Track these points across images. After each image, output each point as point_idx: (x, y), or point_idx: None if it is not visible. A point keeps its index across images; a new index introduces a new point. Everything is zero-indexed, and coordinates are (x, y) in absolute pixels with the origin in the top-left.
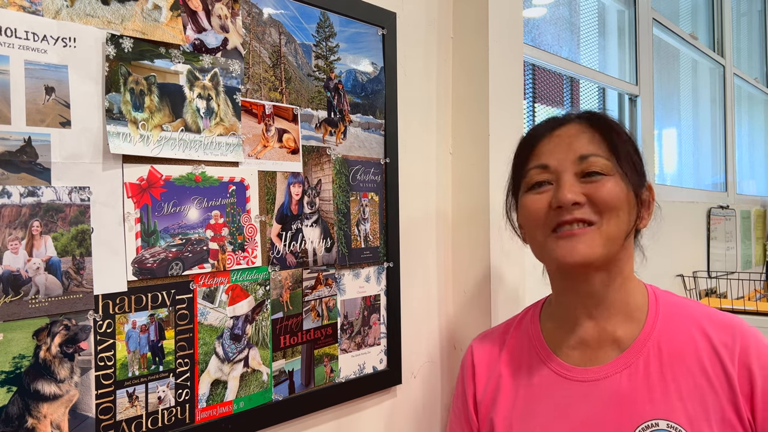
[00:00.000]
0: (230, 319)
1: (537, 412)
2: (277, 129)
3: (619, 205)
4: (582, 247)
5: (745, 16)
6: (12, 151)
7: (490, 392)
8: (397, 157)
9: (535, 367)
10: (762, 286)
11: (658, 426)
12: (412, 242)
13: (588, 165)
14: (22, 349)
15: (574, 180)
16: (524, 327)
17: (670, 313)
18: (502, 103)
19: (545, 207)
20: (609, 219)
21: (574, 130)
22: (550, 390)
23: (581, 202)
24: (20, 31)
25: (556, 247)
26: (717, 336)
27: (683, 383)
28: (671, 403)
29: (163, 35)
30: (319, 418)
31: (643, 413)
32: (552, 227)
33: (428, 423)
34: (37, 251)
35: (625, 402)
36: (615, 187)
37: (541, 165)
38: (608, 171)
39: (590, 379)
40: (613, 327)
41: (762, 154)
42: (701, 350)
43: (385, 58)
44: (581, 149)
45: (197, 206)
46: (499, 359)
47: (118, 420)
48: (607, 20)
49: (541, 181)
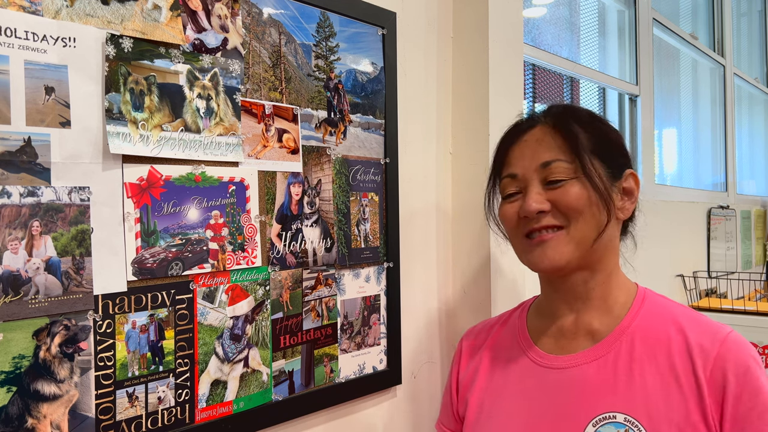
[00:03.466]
0: (230, 319)
1: (506, 395)
2: (277, 129)
3: (584, 207)
4: (551, 253)
5: (745, 16)
6: (12, 151)
7: (470, 375)
8: (397, 157)
9: (515, 355)
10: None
11: (615, 419)
12: (412, 242)
13: (550, 171)
14: (22, 349)
15: (539, 188)
16: (513, 319)
17: (652, 312)
18: (502, 103)
19: (515, 215)
20: (576, 222)
21: (540, 133)
22: (523, 375)
23: (546, 210)
24: (20, 31)
25: (529, 254)
26: (695, 338)
27: (650, 380)
28: (634, 397)
29: (162, 35)
30: (319, 418)
31: (603, 404)
32: (524, 234)
33: (428, 423)
34: (37, 251)
35: (589, 392)
36: (578, 191)
37: (510, 174)
38: (571, 174)
39: (560, 366)
40: (590, 319)
41: (762, 154)
42: (674, 349)
43: (385, 58)
44: (544, 156)
45: (197, 206)
46: (483, 345)
47: (118, 420)
48: (607, 20)
49: (511, 191)
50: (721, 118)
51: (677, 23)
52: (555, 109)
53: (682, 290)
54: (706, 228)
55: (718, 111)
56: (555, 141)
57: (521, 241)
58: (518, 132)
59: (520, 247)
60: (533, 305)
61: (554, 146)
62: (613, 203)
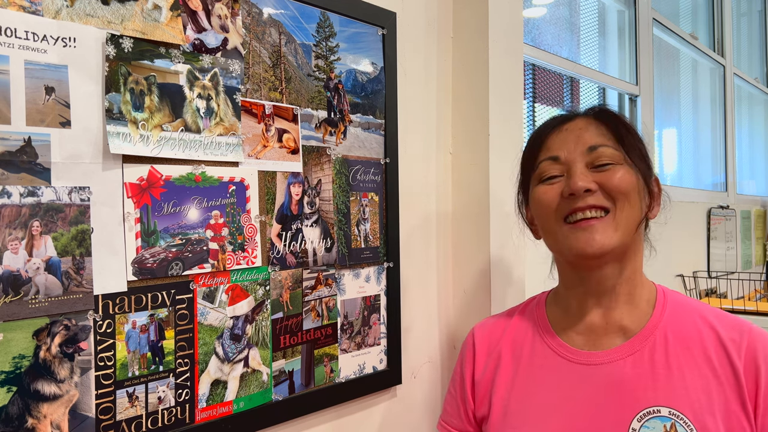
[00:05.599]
0: (230, 319)
1: (536, 393)
2: (277, 129)
3: (631, 191)
4: (599, 237)
5: (745, 16)
6: (12, 151)
7: (489, 372)
8: (397, 157)
9: (538, 349)
10: (762, 286)
11: (659, 413)
12: (412, 242)
13: (598, 155)
14: (22, 349)
15: (585, 169)
16: (529, 311)
17: (678, 307)
18: (502, 103)
19: (557, 196)
20: (622, 206)
21: (582, 123)
22: (551, 371)
23: (593, 189)
24: (20, 31)
25: (573, 239)
26: (724, 331)
27: (688, 373)
28: (675, 391)
29: (163, 35)
30: (319, 418)
31: (645, 399)
32: (564, 215)
33: (428, 423)
34: (37, 251)
35: (628, 388)
36: (626, 175)
37: (552, 157)
38: (618, 160)
39: (593, 362)
40: (621, 315)
41: (762, 154)
42: (708, 343)
43: (385, 58)
44: (590, 140)
45: (197, 206)
46: (501, 340)
47: (118, 420)
48: (607, 20)
49: (552, 174)
50: (721, 118)
51: (677, 23)
52: (595, 107)
53: (682, 290)
54: (706, 228)
55: (718, 111)
56: (601, 129)
57: (561, 227)
58: (558, 122)
59: (561, 233)
60: (550, 298)
61: (599, 133)
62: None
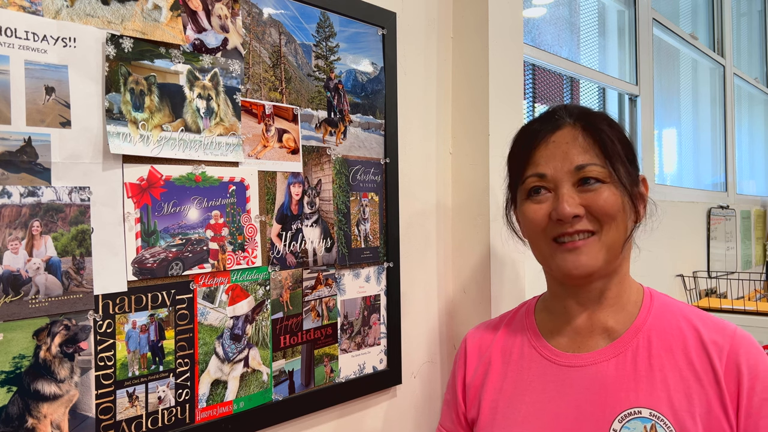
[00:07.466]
0: (230, 319)
1: (523, 395)
2: (277, 129)
3: (617, 213)
4: (585, 259)
5: (745, 16)
6: (12, 151)
7: (480, 376)
8: (397, 157)
9: (526, 353)
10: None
11: (640, 414)
12: (412, 242)
13: (584, 174)
14: (22, 349)
15: (572, 191)
16: (519, 317)
17: (663, 310)
18: (502, 103)
19: (545, 217)
20: (608, 228)
21: (569, 135)
22: (538, 374)
23: (580, 215)
24: (20, 31)
25: (561, 259)
26: (708, 334)
27: (670, 375)
28: (656, 393)
29: (163, 35)
30: (319, 418)
31: (626, 401)
32: (553, 237)
33: (428, 423)
34: (37, 251)
35: (610, 389)
36: (611, 196)
37: (538, 174)
38: (604, 178)
39: (578, 364)
40: (606, 317)
41: (762, 154)
42: (690, 345)
43: (385, 58)
44: (577, 159)
45: (197, 206)
46: (491, 346)
47: (118, 420)
48: (607, 20)
49: (538, 187)
50: (720, 118)
51: (677, 23)
52: (577, 110)
53: (682, 290)
54: (706, 228)
55: (718, 111)
56: (587, 143)
57: (549, 245)
58: (544, 132)
59: (548, 251)
60: (539, 304)
61: (587, 149)
62: (637, 203)
